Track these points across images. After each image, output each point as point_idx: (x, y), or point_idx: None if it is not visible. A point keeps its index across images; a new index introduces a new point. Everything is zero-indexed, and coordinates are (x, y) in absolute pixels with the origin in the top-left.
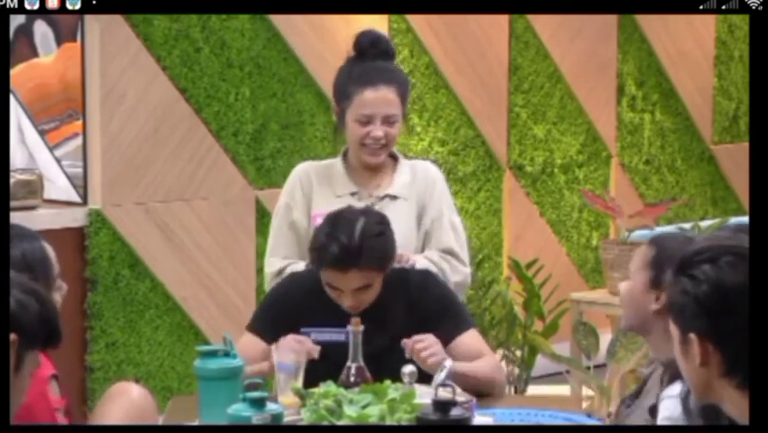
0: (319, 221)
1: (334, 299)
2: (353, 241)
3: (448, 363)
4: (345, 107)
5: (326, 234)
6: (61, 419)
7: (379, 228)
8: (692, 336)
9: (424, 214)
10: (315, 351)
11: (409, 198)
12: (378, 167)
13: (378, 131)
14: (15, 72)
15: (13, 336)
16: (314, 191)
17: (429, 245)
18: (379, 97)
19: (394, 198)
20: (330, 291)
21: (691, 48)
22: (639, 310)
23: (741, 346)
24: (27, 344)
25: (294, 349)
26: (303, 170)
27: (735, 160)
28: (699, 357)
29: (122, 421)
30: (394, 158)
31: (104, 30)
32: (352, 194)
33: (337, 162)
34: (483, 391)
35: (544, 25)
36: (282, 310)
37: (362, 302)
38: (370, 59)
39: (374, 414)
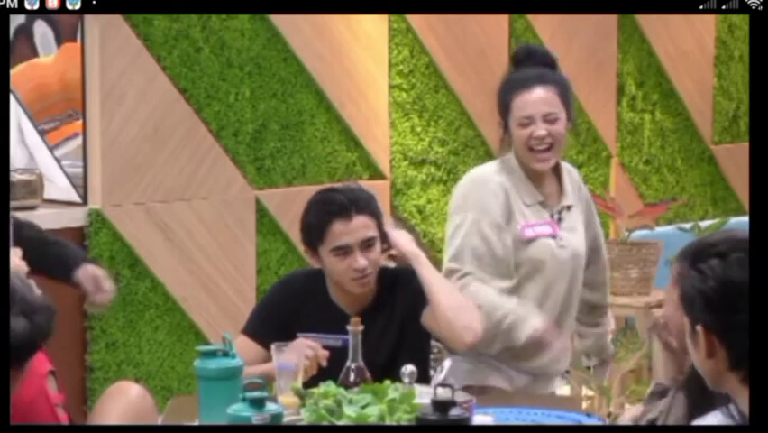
0: (528, 232)
1: (342, 277)
2: (349, 192)
3: (447, 363)
4: (508, 120)
5: (326, 193)
6: (61, 414)
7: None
8: (699, 328)
9: (589, 221)
10: (324, 358)
11: (576, 204)
12: (550, 174)
13: (540, 130)
14: (15, 72)
15: None
16: (512, 203)
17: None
18: (534, 97)
19: (570, 207)
20: (338, 262)
21: (691, 48)
22: (681, 328)
23: (746, 343)
24: (19, 360)
25: (299, 351)
26: (498, 185)
27: (735, 160)
28: (705, 349)
29: (120, 420)
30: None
31: (104, 30)
32: (540, 203)
33: (516, 168)
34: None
35: (544, 25)
36: (278, 313)
37: (371, 263)
38: (525, 68)
39: (374, 414)
